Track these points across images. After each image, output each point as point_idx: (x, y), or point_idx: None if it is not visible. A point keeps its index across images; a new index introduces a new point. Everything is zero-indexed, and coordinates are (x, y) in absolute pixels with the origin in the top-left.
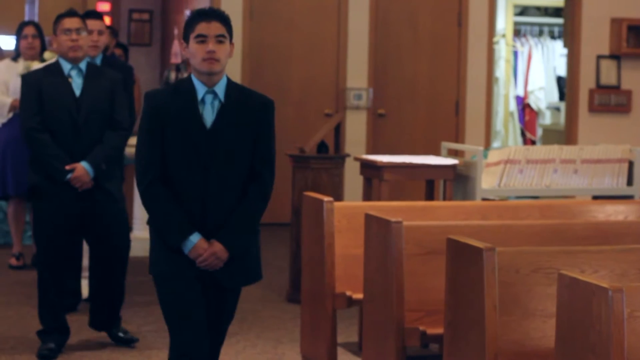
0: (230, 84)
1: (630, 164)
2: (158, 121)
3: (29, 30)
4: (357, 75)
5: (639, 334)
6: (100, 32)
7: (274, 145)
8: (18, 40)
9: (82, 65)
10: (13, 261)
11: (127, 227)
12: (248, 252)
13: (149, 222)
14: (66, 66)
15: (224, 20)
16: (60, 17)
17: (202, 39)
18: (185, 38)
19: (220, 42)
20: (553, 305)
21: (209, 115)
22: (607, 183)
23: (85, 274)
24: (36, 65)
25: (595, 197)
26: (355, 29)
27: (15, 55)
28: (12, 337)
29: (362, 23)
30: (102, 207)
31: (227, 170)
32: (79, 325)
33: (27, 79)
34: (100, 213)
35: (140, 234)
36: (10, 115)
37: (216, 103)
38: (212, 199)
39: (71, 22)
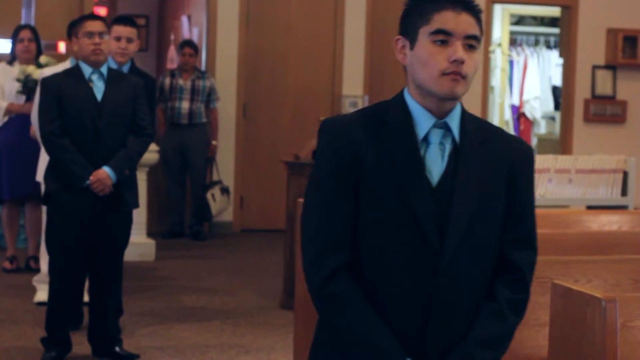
0: (466, 116)
1: (625, 175)
2: (348, 165)
3: (25, 34)
4: (353, 82)
5: (632, 344)
6: (129, 40)
7: (534, 217)
8: (14, 44)
9: (103, 69)
10: (7, 265)
11: (126, 242)
12: None
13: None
14: (87, 70)
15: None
16: (82, 20)
17: (445, 37)
18: (409, 35)
19: (473, 47)
20: (546, 314)
21: (435, 163)
22: (602, 193)
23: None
24: (32, 69)
25: (590, 207)
26: (352, 36)
27: (11, 59)
28: (4, 340)
29: (359, 30)
30: (118, 215)
31: (467, 267)
32: (79, 339)
33: (47, 82)
34: (113, 221)
35: (135, 239)
36: (6, 119)
37: (447, 145)
38: (436, 322)
39: (94, 25)
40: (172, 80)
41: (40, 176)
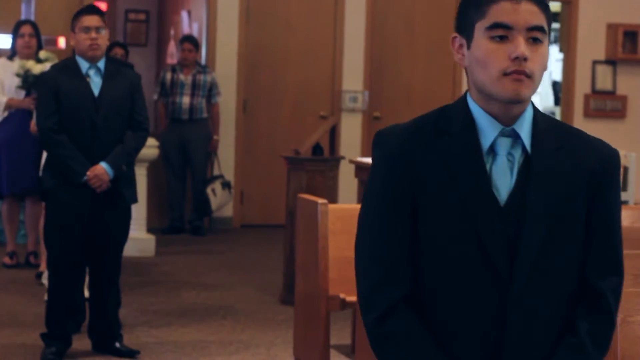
0: (538, 120)
1: (625, 170)
2: (404, 183)
3: (26, 29)
4: (353, 77)
5: (632, 339)
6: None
7: (621, 235)
8: (14, 39)
9: (101, 64)
10: (7, 260)
11: (125, 238)
12: None
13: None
14: (84, 65)
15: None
16: (79, 14)
17: (504, 32)
18: (465, 32)
19: (538, 40)
20: None
21: (503, 178)
22: None
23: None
24: (32, 64)
25: None
26: (352, 32)
27: (11, 54)
28: (4, 336)
29: (358, 26)
30: (116, 210)
31: (541, 298)
32: (80, 335)
33: (44, 78)
34: (112, 216)
35: (134, 234)
36: (6, 114)
37: (517, 156)
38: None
39: (91, 20)
40: (173, 76)
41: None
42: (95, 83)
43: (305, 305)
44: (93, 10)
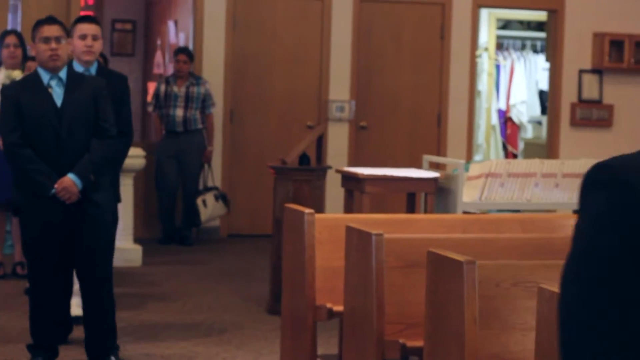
0: None
1: None
2: None
3: (11, 40)
4: (340, 87)
5: None
6: (94, 37)
7: None
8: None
9: (62, 74)
10: None
11: (112, 242)
12: None
13: None
14: (45, 76)
15: None
16: (38, 24)
17: None
18: None
19: None
20: (533, 319)
21: None
22: None
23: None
24: (18, 74)
25: (576, 211)
26: (338, 41)
27: None
28: None
29: (345, 35)
30: (90, 219)
31: None
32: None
33: (5, 92)
34: (87, 226)
35: (121, 245)
36: None
37: None
38: None
39: (50, 30)
40: (167, 87)
41: None
42: (58, 94)
43: (292, 315)
44: (53, 20)
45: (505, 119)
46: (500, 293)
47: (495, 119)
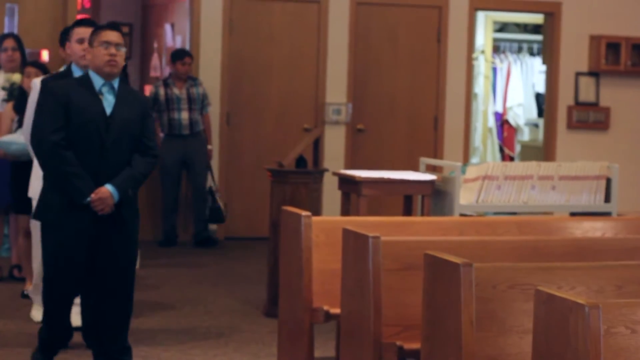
0: None
1: (608, 181)
2: None
3: (9, 43)
4: (337, 90)
5: (616, 350)
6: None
7: None
8: None
9: (115, 82)
10: None
11: (132, 264)
12: None
13: None
14: (98, 81)
15: None
16: (99, 29)
17: None
18: None
19: None
20: (530, 321)
21: None
22: (585, 200)
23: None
24: (17, 77)
25: (573, 214)
26: (335, 44)
27: None
28: None
29: (342, 38)
30: (119, 235)
31: None
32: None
33: (53, 89)
34: (113, 247)
35: None
36: None
37: None
38: None
39: (111, 36)
40: (167, 90)
41: (32, 191)
42: (109, 101)
43: (289, 317)
44: (115, 26)
45: (502, 121)
46: (497, 295)
47: (492, 122)
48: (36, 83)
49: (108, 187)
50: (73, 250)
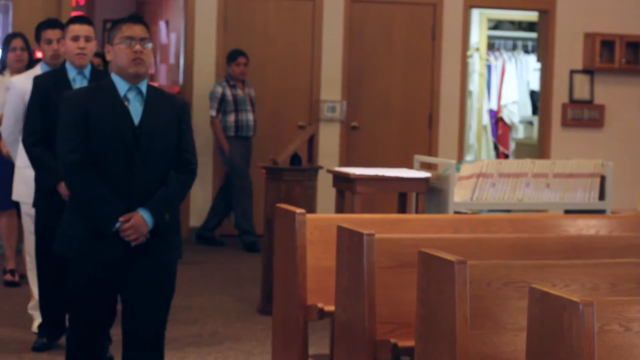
0: None
1: (602, 179)
2: None
3: (17, 43)
4: (331, 87)
5: (610, 348)
6: (87, 39)
7: None
8: (5, 53)
9: (142, 86)
10: (7, 277)
11: (169, 297)
12: None
13: None
14: (123, 86)
15: None
16: (119, 22)
17: None
18: None
19: None
20: (524, 319)
21: None
22: (579, 197)
23: None
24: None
25: (567, 211)
26: (329, 41)
27: (1, 68)
28: None
29: (336, 35)
30: (151, 270)
31: None
32: None
33: (72, 99)
34: (146, 280)
35: None
36: None
37: None
38: None
39: (135, 30)
40: (233, 91)
41: (16, 195)
42: (136, 109)
43: (283, 315)
44: (137, 19)
45: (497, 119)
46: (491, 293)
47: (486, 119)
48: (12, 82)
49: (141, 212)
50: (100, 287)
